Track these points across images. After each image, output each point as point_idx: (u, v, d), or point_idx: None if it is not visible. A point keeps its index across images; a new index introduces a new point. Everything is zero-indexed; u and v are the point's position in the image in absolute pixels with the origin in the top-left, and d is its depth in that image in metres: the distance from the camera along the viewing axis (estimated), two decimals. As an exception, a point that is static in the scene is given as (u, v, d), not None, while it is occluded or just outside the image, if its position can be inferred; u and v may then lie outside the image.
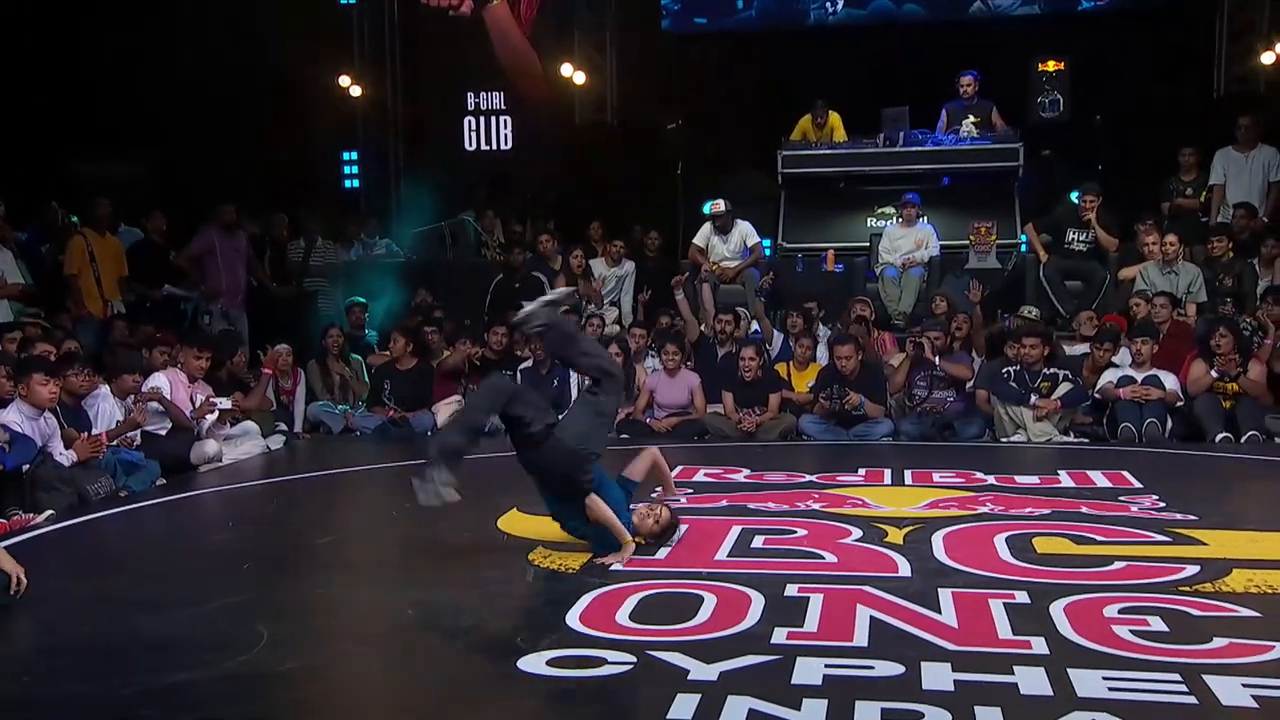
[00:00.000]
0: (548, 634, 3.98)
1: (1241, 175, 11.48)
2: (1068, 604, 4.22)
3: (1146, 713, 3.19)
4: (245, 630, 4.05)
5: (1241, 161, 11.50)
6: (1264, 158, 11.49)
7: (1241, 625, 4.00)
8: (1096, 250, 11.17)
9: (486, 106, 14.83)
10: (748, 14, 14.67)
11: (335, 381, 10.24)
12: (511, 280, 11.82)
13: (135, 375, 7.85)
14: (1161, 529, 5.56)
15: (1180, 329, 9.66)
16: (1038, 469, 7.52)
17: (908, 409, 9.48)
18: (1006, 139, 12.09)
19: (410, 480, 5.03)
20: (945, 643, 3.83)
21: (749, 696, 3.32)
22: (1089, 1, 13.94)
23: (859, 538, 5.46)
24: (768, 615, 4.16)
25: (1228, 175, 11.51)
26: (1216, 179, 11.54)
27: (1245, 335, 9.38)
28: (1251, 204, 11.21)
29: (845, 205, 12.88)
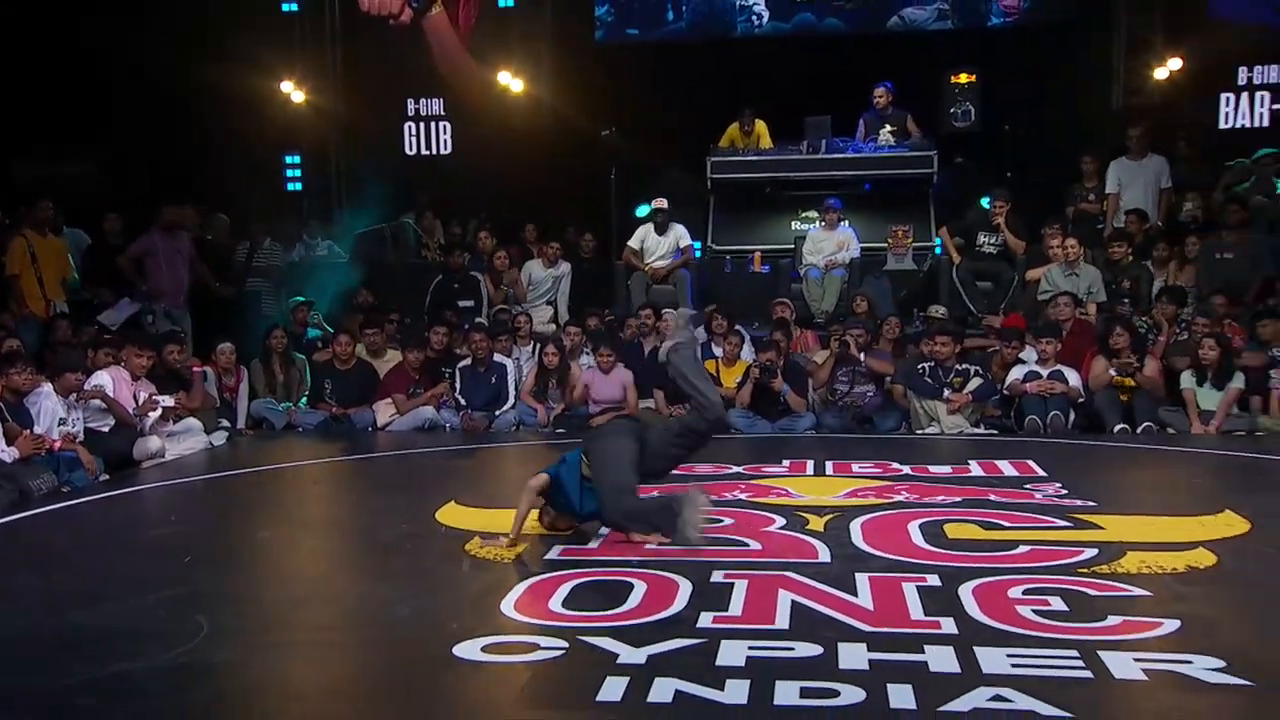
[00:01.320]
0: (483, 621, 3.97)
1: (1135, 183, 11.76)
2: (975, 586, 4.30)
3: (1045, 687, 3.25)
4: (185, 622, 3.99)
5: (1135, 170, 11.78)
6: (1155, 166, 11.79)
7: (1134, 604, 4.11)
8: (1005, 253, 11.37)
9: (426, 112, 14.68)
10: (678, 26, 14.71)
11: (278, 380, 10.10)
12: (451, 281, 11.74)
13: (78, 374, 7.66)
14: (1063, 515, 5.68)
15: (1081, 327, 9.87)
16: (950, 459, 7.63)
17: (830, 403, 9.57)
18: (922, 147, 12.25)
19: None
20: (861, 624, 3.89)
21: (675, 678, 3.35)
22: (998, 18, 14.17)
23: (782, 526, 5.52)
24: (694, 601, 4.19)
25: (1122, 183, 11.78)
26: (1112, 187, 11.81)
27: (1141, 333, 9.63)
28: (1143, 210, 11.49)
29: (771, 209, 12.97)
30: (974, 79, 12.94)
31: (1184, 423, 8.92)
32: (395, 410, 9.79)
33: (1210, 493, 6.64)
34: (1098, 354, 9.35)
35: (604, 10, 14.78)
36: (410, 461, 8.44)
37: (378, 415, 9.81)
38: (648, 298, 11.31)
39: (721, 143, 12.86)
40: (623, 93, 13.77)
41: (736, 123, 12.84)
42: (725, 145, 12.85)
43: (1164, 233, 11.38)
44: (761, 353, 9.47)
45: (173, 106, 13.09)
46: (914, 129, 12.37)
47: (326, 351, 10.29)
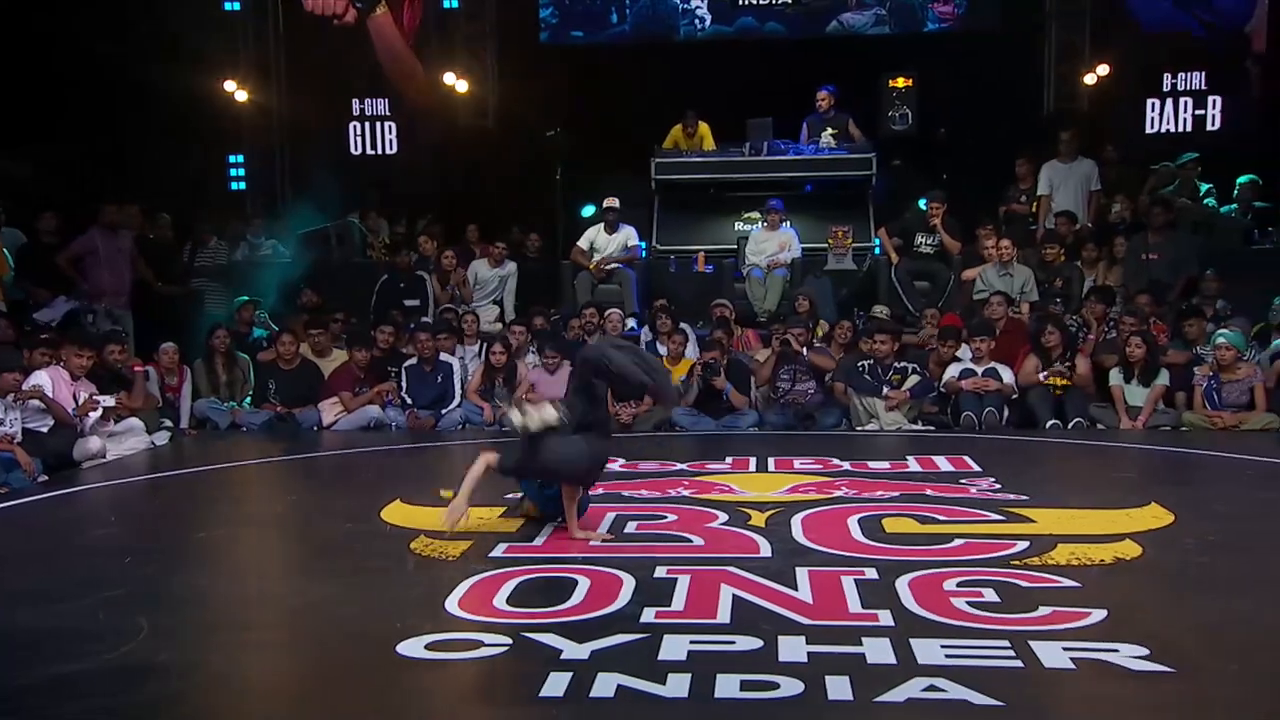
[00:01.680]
0: (427, 619, 3.95)
1: (1065, 185, 11.99)
2: (912, 579, 4.35)
3: (978, 677, 3.30)
4: (126, 622, 3.91)
5: (1065, 172, 12.01)
6: (1084, 169, 12.03)
7: (1063, 595, 4.18)
8: (942, 253, 11.53)
9: (371, 112, 14.56)
10: (622, 29, 14.72)
11: (221, 380, 9.94)
12: (397, 281, 11.65)
13: (15, 373, 7.48)
14: (997, 509, 5.77)
15: (1014, 326, 10.03)
16: (889, 455, 7.72)
17: (772, 401, 9.63)
18: (861, 149, 12.37)
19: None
20: (800, 617, 3.92)
21: (618, 673, 3.35)
22: (934, 24, 14.36)
23: (725, 521, 5.54)
24: (638, 596, 4.19)
25: (1053, 185, 12.01)
26: (1043, 189, 12.03)
27: (1072, 332, 9.81)
28: (1073, 212, 11.71)
29: (714, 210, 13.03)
30: (911, 83, 13.10)
31: (1112, 419, 9.11)
32: (341, 409, 9.69)
33: (1137, 486, 6.77)
34: (1030, 352, 9.51)
35: (548, 12, 14.75)
36: (355, 460, 8.36)
37: (323, 414, 9.70)
38: (593, 297, 11.30)
39: (665, 144, 12.89)
40: (568, 94, 13.75)
41: (680, 124, 12.88)
42: (669, 146, 12.89)
43: (1093, 234, 11.62)
44: (705, 352, 9.51)
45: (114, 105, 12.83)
46: (855, 132, 12.49)
47: (271, 351, 10.15)
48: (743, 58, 14.13)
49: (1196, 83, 13.47)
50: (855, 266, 11.97)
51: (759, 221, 12.19)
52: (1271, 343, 9.68)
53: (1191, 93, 13.47)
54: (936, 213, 11.50)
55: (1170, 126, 13.50)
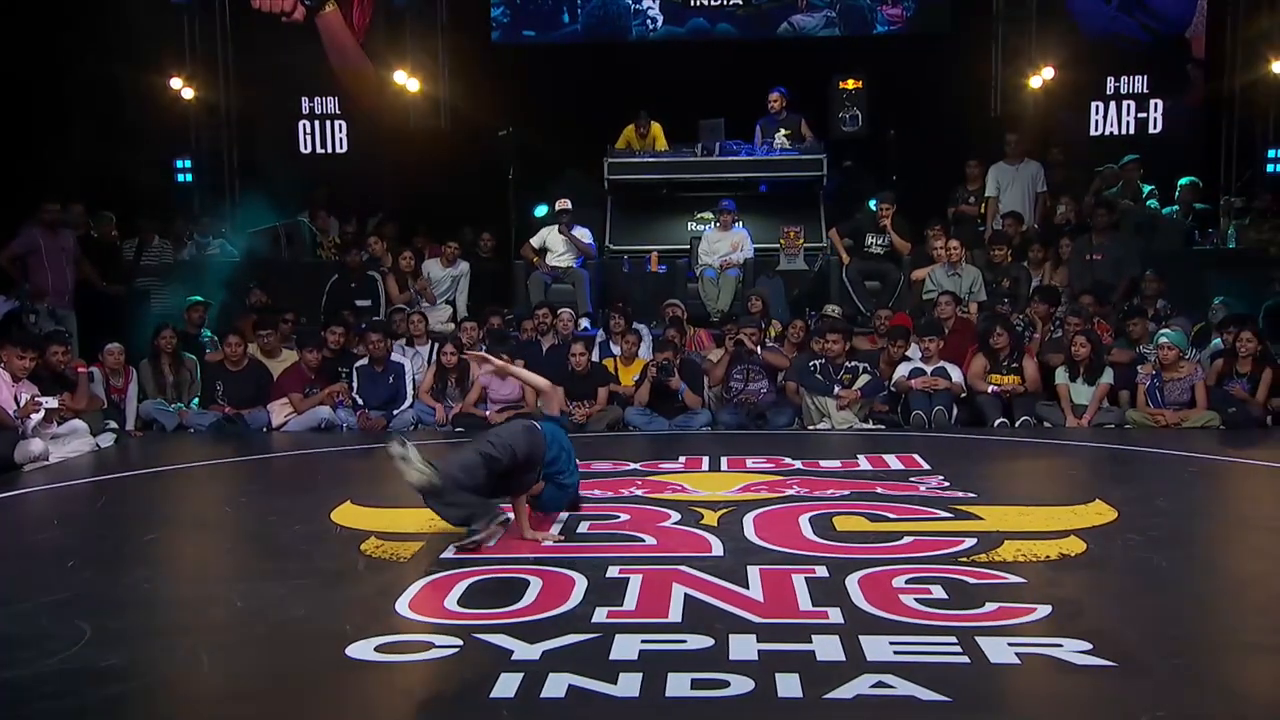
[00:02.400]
0: (377, 621, 3.91)
1: (1012, 187, 12.17)
2: (861, 576, 4.38)
3: (926, 672, 3.33)
4: (67, 627, 3.84)
5: (1012, 174, 12.20)
6: (1030, 171, 12.22)
7: (1010, 591, 4.23)
8: (892, 253, 11.63)
9: (320, 111, 14.42)
10: (573, 28, 14.70)
11: (168, 380, 9.79)
12: (348, 281, 11.55)
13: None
14: (946, 506, 5.82)
15: (963, 325, 10.15)
16: (840, 454, 7.76)
17: (725, 400, 9.67)
18: (812, 150, 12.44)
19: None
20: (752, 616, 3.93)
21: (569, 673, 3.34)
22: (882, 26, 14.50)
23: (677, 521, 5.54)
24: (590, 596, 4.18)
25: (1000, 186, 12.18)
26: (991, 190, 12.21)
27: (1019, 332, 9.95)
28: (1019, 213, 11.88)
29: (667, 210, 13.05)
30: (860, 85, 13.19)
31: (1059, 417, 9.25)
32: (291, 410, 9.58)
33: (1082, 483, 6.90)
34: (978, 351, 9.63)
35: (500, 11, 14.70)
36: (306, 461, 8.27)
37: (273, 416, 9.59)
38: (546, 297, 11.27)
39: (618, 144, 12.88)
40: (520, 93, 13.70)
41: (632, 124, 12.87)
42: (622, 146, 12.88)
43: (1039, 235, 11.79)
44: (658, 352, 9.53)
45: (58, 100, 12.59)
46: (808, 133, 12.56)
47: (219, 352, 10.01)
48: (695, 58, 14.17)
49: (1139, 86, 13.74)
50: (807, 267, 12.04)
51: (712, 222, 12.23)
52: (1211, 342, 9.88)
53: (1134, 96, 13.73)
54: (886, 213, 11.61)
55: (1114, 129, 13.75)
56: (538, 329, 10.33)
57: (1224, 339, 9.50)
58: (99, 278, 11.13)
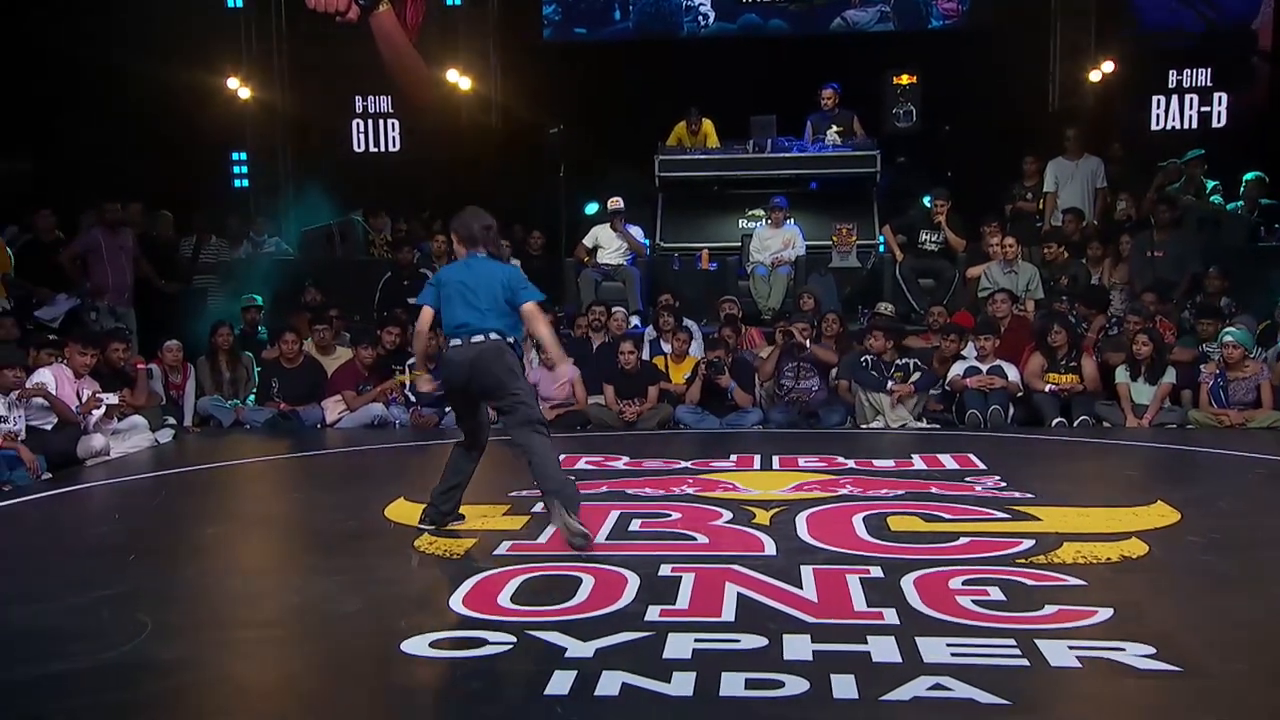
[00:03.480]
0: (431, 617, 3.94)
1: (1071, 183, 11.97)
2: (917, 577, 4.34)
3: (984, 675, 3.29)
4: (127, 620, 3.91)
5: (1071, 170, 11.99)
6: (1090, 166, 12.01)
7: (1069, 593, 4.17)
8: (946, 250, 11.51)
9: (374, 110, 14.57)
10: (625, 25, 14.71)
11: (225, 377, 9.95)
12: (400, 279, 11.64)
13: (17, 370, 7.49)
14: (1002, 507, 5.75)
15: (1019, 323, 10.02)
16: (893, 453, 7.71)
17: (776, 398, 9.63)
18: (865, 147, 12.34)
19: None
20: (805, 616, 3.91)
21: (622, 671, 3.34)
22: (938, 21, 14.34)
23: (729, 520, 5.53)
24: (642, 594, 4.18)
25: (1059, 182, 11.99)
26: (1050, 186, 12.02)
27: (1079, 331, 9.80)
28: (1080, 209, 11.69)
29: (718, 207, 13.01)
30: (915, 80, 13.06)
31: (1119, 416, 9.09)
32: (345, 407, 9.69)
33: (1143, 484, 6.78)
34: (1035, 350, 9.50)
35: (551, 9, 14.75)
36: (359, 458, 8.36)
37: (327, 412, 9.71)
38: (596, 295, 11.28)
39: (669, 141, 12.87)
40: (571, 91, 13.73)
41: (683, 122, 12.85)
42: (673, 144, 12.86)
43: (1098, 231, 11.60)
44: (710, 350, 9.51)
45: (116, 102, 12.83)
46: (859, 130, 12.47)
47: (274, 349, 10.15)
48: (746, 55, 14.12)
49: (1202, 79, 13.45)
50: (859, 264, 11.95)
51: (763, 219, 12.18)
52: (1277, 340, 9.65)
53: (1197, 89, 13.46)
54: (941, 210, 11.47)
55: (1176, 123, 13.49)
56: (591, 327, 10.33)
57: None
58: (157, 276, 11.33)
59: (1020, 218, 12.08)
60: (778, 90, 12.90)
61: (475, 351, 5.11)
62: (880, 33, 14.36)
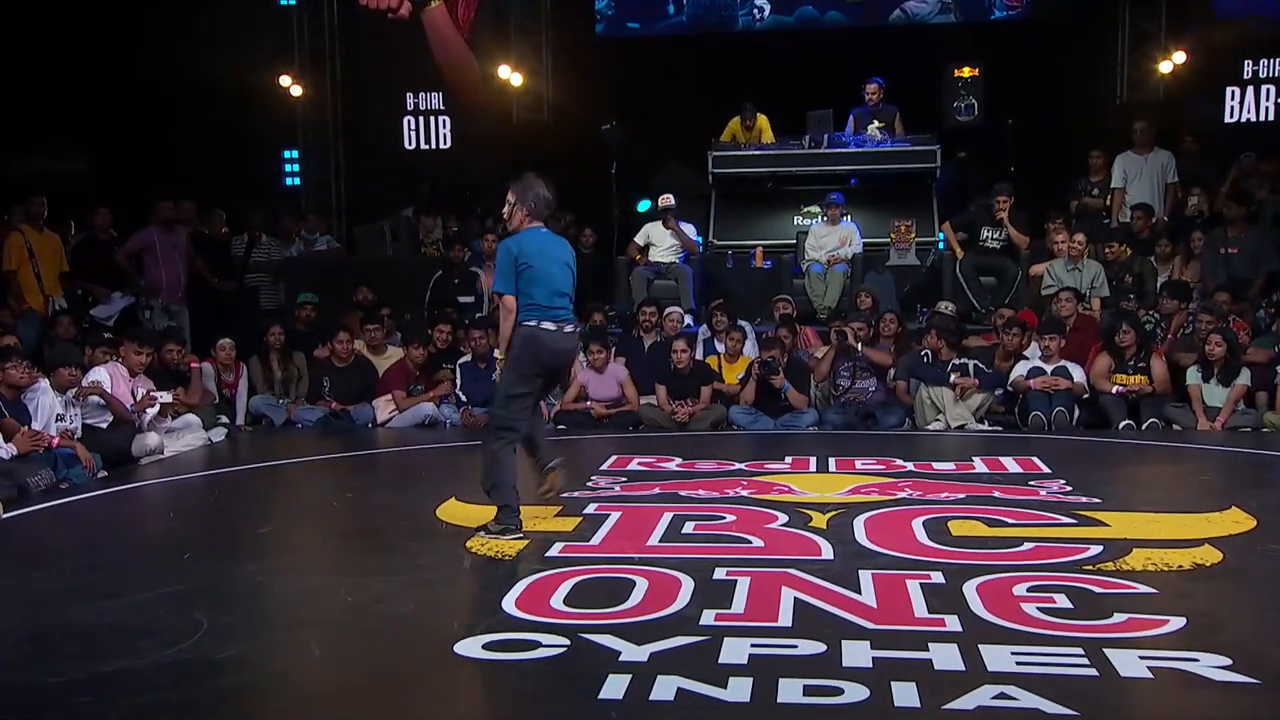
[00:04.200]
0: (484, 619, 3.97)
1: (1140, 177, 11.75)
2: (980, 583, 4.29)
3: (1051, 685, 3.25)
4: (184, 618, 3.98)
5: (1140, 164, 11.77)
6: (1160, 160, 11.78)
7: (1139, 601, 4.10)
8: (1009, 247, 11.36)
9: (425, 107, 14.70)
10: (678, 19, 14.69)
11: (276, 376, 10.10)
12: (451, 277, 11.73)
13: (73, 369, 7.65)
14: (1068, 511, 5.68)
15: (1085, 323, 9.87)
16: (954, 456, 7.63)
17: (832, 399, 9.57)
18: (924, 141, 12.21)
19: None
20: (865, 622, 3.88)
21: (678, 676, 3.34)
22: (1001, 11, 14.16)
23: (785, 523, 5.51)
24: (697, 598, 4.18)
25: (1128, 177, 11.78)
26: (1118, 181, 11.80)
27: (1147, 330, 9.63)
28: (1149, 204, 11.47)
29: (773, 204, 12.94)
30: (977, 73, 12.91)
31: (1189, 419, 8.92)
32: (395, 407, 9.79)
33: (1216, 489, 6.65)
34: (1102, 349, 9.35)
35: (604, 4, 14.76)
36: (410, 458, 8.44)
37: (378, 412, 9.81)
38: (649, 293, 11.28)
39: (723, 137, 12.82)
40: (623, 86, 13.75)
41: (738, 117, 12.80)
42: (726, 140, 12.82)
43: (1168, 228, 11.38)
44: (765, 349, 9.48)
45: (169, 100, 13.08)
46: (899, 127, 12.34)
47: (325, 348, 10.28)
48: (802, 48, 14.02)
49: (1278, 69, 13.14)
50: (918, 262, 11.82)
51: (819, 216, 12.10)
52: (1357, 341, 9.42)
53: (1273, 80, 13.15)
54: (1003, 206, 11.32)
55: (1251, 115, 13.18)
56: (644, 326, 10.33)
57: (1372, 338, 9.06)
58: (211, 274, 11.53)
59: (1086, 214, 11.89)
60: (834, 84, 12.82)
61: (572, 343, 5.32)
62: (941, 24, 14.20)
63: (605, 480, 6.80)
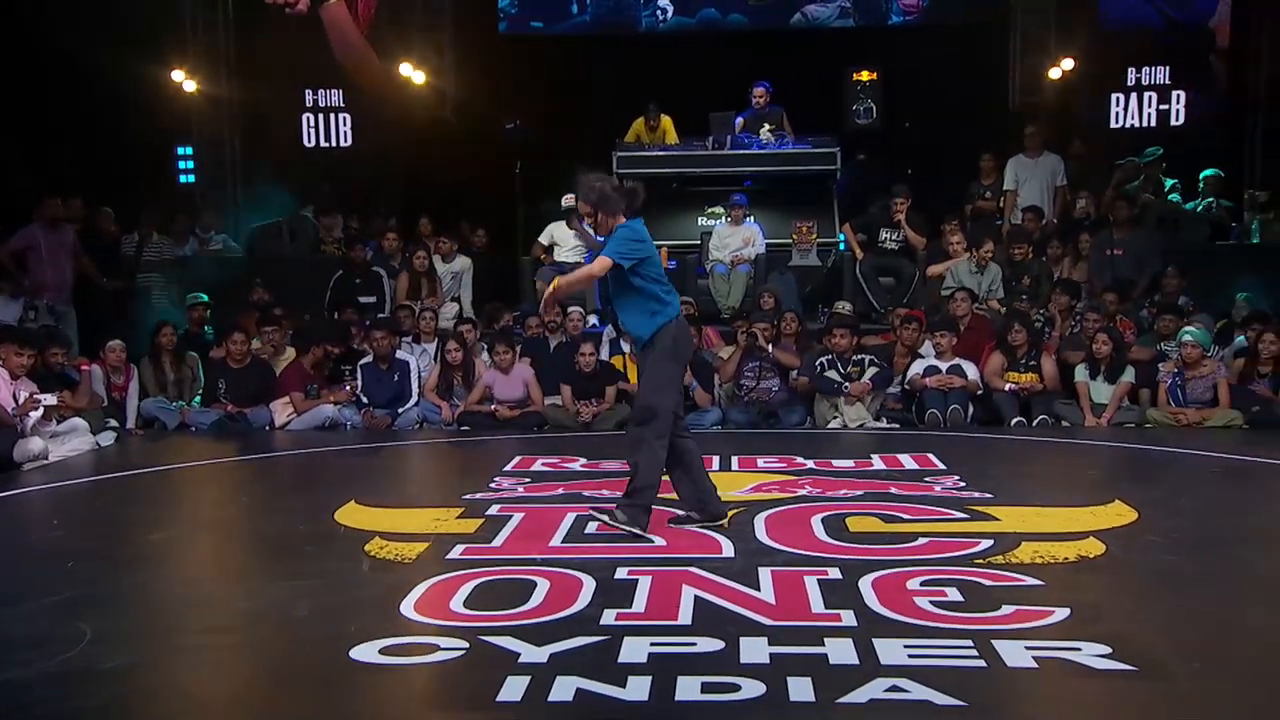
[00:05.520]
0: (382, 623, 3.92)
1: (1031, 180, 12.12)
2: (875, 578, 4.37)
3: (941, 676, 3.33)
4: (67, 628, 3.86)
5: (1031, 167, 12.14)
6: (1050, 164, 12.17)
7: (1026, 593, 4.22)
8: (907, 249, 11.60)
9: (325, 104, 14.45)
10: (582, 19, 14.70)
11: (169, 378, 9.83)
12: (352, 277, 11.55)
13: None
14: (961, 507, 5.81)
15: (979, 322, 10.13)
16: (853, 453, 7.75)
17: (736, 398, 9.66)
18: (825, 144, 12.38)
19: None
20: (763, 618, 3.93)
21: (577, 676, 3.35)
22: (898, 17, 14.46)
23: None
24: (598, 598, 4.19)
25: (1019, 180, 12.13)
26: (1009, 184, 12.15)
27: (1038, 329, 9.93)
28: (1039, 207, 11.84)
29: (677, 205, 12.97)
30: (875, 77, 13.17)
31: (1077, 415, 9.22)
32: (293, 409, 9.61)
33: (1101, 483, 6.87)
34: (995, 348, 9.61)
35: (507, 2, 14.70)
36: (309, 461, 8.30)
37: (276, 414, 9.62)
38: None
39: (627, 138, 12.85)
40: (527, 86, 13.70)
41: (642, 117, 12.84)
42: (631, 140, 12.84)
43: (1058, 230, 11.75)
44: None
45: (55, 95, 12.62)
46: (788, 127, 12.52)
47: (221, 349, 10.04)
48: (705, 50, 14.15)
49: (1160, 77, 13.68)
50: (819, 262, 12.01)
51: (722, 216, 12.21)
52: (1234, 339, 9.84)
53: (1155, 87, 13.68)
54: (901, 208, 11.56)
55: (1135, 121, 13.70)
56: (546, 326, 10.31)
57: (1247, 337, 9.47)
58: (99, 274, 11.17)
59: (980, 216, 12.21)
60: (738, 86, 12.93)
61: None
62: (840, 28, 14.45)
63: (509, 481, 6.77)
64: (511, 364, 9.64)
